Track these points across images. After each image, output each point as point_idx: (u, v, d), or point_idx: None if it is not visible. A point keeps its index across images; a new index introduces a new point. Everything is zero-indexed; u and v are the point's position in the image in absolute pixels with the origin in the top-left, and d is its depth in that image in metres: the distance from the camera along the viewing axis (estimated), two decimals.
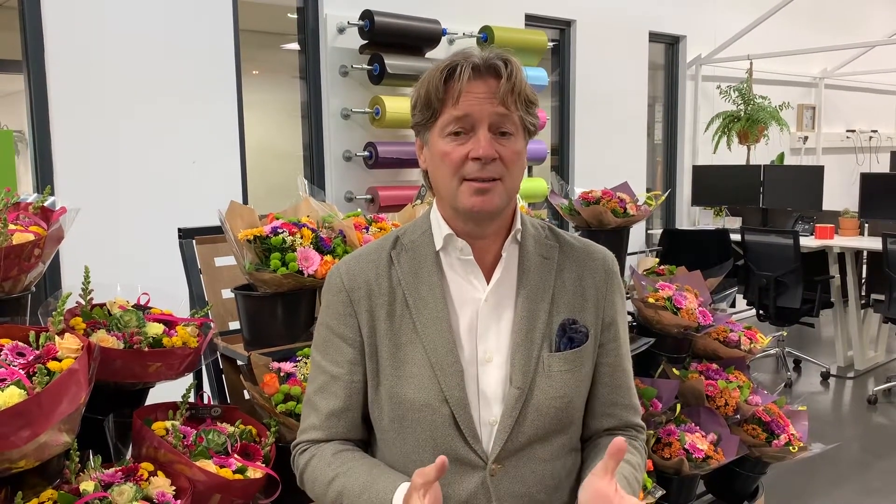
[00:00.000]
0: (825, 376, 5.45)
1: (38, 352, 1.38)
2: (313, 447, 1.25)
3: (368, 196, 4.28)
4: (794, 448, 2.62)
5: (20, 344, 1.39)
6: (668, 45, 6.53)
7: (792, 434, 2.66)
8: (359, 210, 2.27)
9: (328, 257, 1.86)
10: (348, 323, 1.22)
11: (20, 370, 1.32)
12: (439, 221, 1.22)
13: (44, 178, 3.28)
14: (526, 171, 4.53)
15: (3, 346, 1.37)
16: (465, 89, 1.12)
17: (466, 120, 1.13)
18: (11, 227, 1.53)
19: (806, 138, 7.84)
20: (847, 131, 8.38)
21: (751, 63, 6.53)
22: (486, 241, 1.21)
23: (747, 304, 5.61)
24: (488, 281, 1.21)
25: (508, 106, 1.13)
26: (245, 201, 3.86)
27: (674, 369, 2.63)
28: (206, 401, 1.86)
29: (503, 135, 1.14)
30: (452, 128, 1.14)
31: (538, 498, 1.19)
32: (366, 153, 4.23)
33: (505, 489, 1.17)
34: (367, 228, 2.07)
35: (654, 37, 6.23)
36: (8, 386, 1.27)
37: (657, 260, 3.08)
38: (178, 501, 1.42)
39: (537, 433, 1.18)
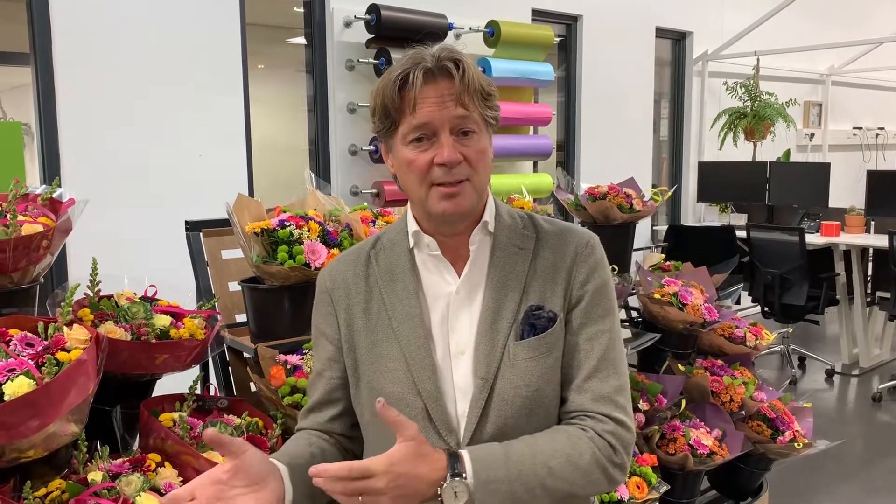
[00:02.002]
0: (830, 374, 5.45)
1: (46, 342, 1.39)
2: (297, 433, 1.30)
3: (374, 190, 4.28)
4: (798, 444, 2.62)
5: (29, 335, 1.40)
6: (675, 41, 6.52)
7: (796, 430, 2.66)
8: (365, 204, 2.27)
9: (335, 251, 1.87)
10: (329, 321, 1.27)
11: (29, 360, 1.32)
12: (411, 220, 1.24)
13: (50, 170, 3.29)
14: (531, 166, 4.48)
15: (13, 336, 1.38)
16: (420, 96, 1.12)
17: (427, 127, 1.13)
18: (20, 218, 1.54)
19: (812, 135, 7.81)
20: (854, 128, 8.35)
21: (757, 59, 6.50)
22: (459, 236, 1.22)
23: (752, 301, 5.60)
24: (460, 275, 1.22)
25: (467, 105, 1.14)
26: (251, 195, 3.86)
27: (679, 365, 2.63)
28: (212, 393, 1.87)
29: (465, 134, 1.15)
30: (413, 135, 1.14)
31: None
32: (371, 147, 4.23)
33: None
34: (373, 222, 2.07)
35: (661, 32, 6.21)
36: (17, 376, 1.28)
37: (663, 256, 3.07)
38: None
39: (506, 423, 1.16)
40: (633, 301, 2.89)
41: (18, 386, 1.26)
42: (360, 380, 1.23)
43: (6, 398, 1.24)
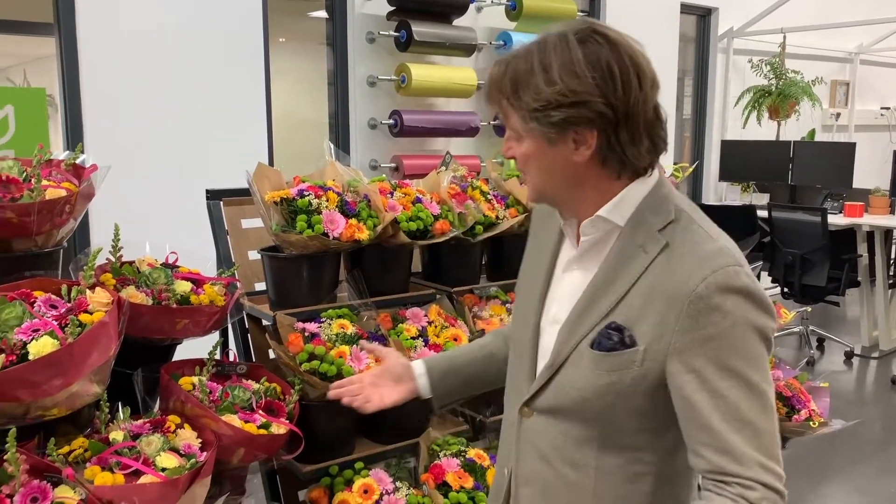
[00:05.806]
0: (849, 356, 5.41)
1: (69, 304, 1.42)
2: (494, 333, 1.55)
3: (393, 164, 4.28)
4: (814, 423, 2.61)
5: (53, 297, 1.43)
6: (700, 17, 6.42)
7: (812, 410, 2.65)
8: (384, 175, 2.28)
9: (353, 220, 1.88)
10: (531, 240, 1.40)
11: (53, 321, 1.35)
12: None
13: (74, 140, 3.32)
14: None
15: (37, 298, 1.41)
16: None
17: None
18: (44, 182, 1.56)
19: (838, 115, 7.69)
20: (882, 108, 8.21)
21: (784, 37, 6.40)
22: (573, 218, 1.22)
23: (772, 282, 5.56)
24: None
25: (499, 104, 1.14)
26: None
27: None
28: (231, 358, 1.90)
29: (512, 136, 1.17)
30: None
31: (552, 468, 1.18)
32: (391, 121, 4.23)
33: (529, 437, 1.21)
34: (391, 193, 2.08)
35: (686, 8, 6.12)
36: (42, 336, 1.31)
37: None
38: (204, 453, 1.46)
39: (554, 407, 1.17)
40: None
41: (42, 346, 1.29)
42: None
43: (31, 357, 1.27)
